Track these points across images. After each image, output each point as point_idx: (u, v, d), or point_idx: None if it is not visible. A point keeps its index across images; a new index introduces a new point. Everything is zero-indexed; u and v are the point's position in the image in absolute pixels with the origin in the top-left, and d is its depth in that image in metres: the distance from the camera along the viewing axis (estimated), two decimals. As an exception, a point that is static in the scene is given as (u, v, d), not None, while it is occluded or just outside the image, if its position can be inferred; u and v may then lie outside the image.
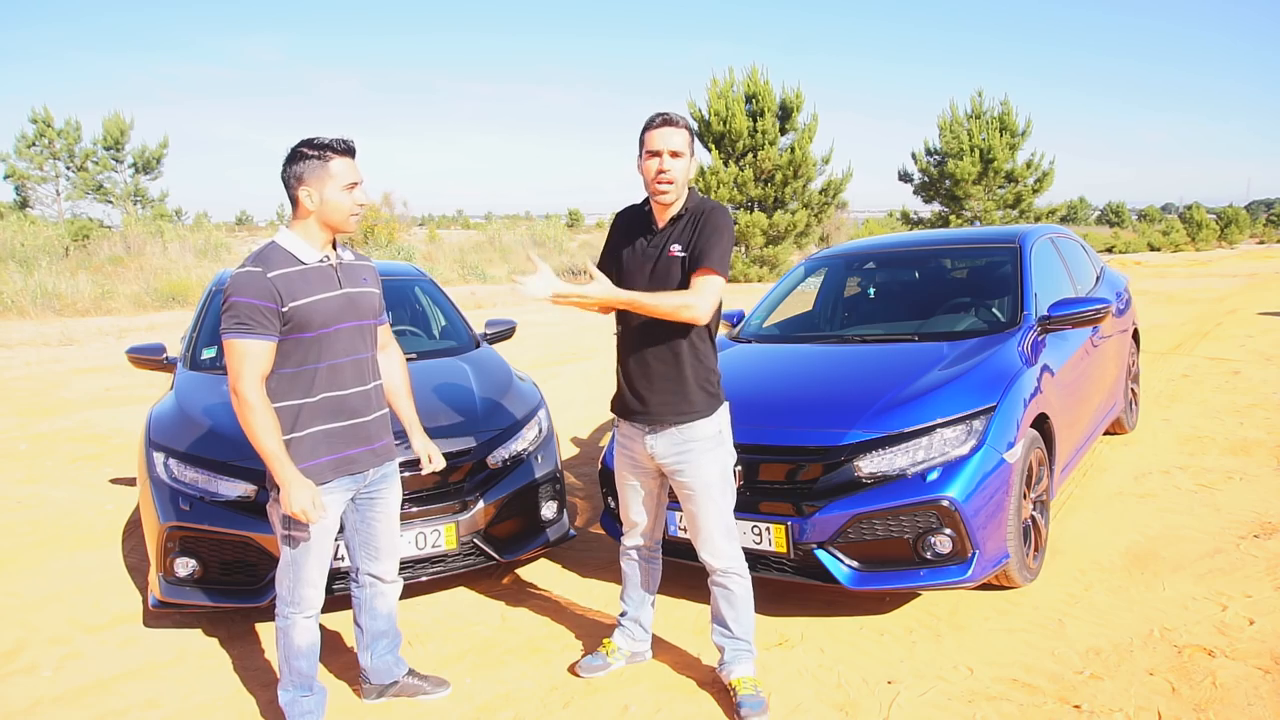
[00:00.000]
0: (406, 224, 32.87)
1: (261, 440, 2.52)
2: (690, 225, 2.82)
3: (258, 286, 2.54)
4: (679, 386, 2.83)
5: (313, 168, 2.61)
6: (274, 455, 2.53)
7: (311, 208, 2.63)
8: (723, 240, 2.77)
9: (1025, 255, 4.69)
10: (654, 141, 2.76)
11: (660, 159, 2.75)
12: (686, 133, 2.80)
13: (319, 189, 2.62)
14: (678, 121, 2.78)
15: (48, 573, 4.44)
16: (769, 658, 3.22)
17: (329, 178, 2.62)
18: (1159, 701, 2.81)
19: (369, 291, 2.82)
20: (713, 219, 2.80)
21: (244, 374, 2.52)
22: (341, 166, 2.63)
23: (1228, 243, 42.53)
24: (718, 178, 21.52)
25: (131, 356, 4.77)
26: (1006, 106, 26.64)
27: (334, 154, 2.62)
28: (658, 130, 2.77)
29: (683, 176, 2.78)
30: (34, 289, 17.04)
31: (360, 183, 2.69)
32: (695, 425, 2.84)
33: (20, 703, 3.18)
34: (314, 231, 2.68)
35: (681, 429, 2.84)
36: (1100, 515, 4.53)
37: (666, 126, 2.76)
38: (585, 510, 5.12)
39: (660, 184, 2.77)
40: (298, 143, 2.64)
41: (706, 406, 2.86)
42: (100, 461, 6.62)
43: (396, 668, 3.10)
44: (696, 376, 2.84)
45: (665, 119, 2.78)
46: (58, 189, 28.32)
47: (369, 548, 2.95)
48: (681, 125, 2.78)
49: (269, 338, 2.55)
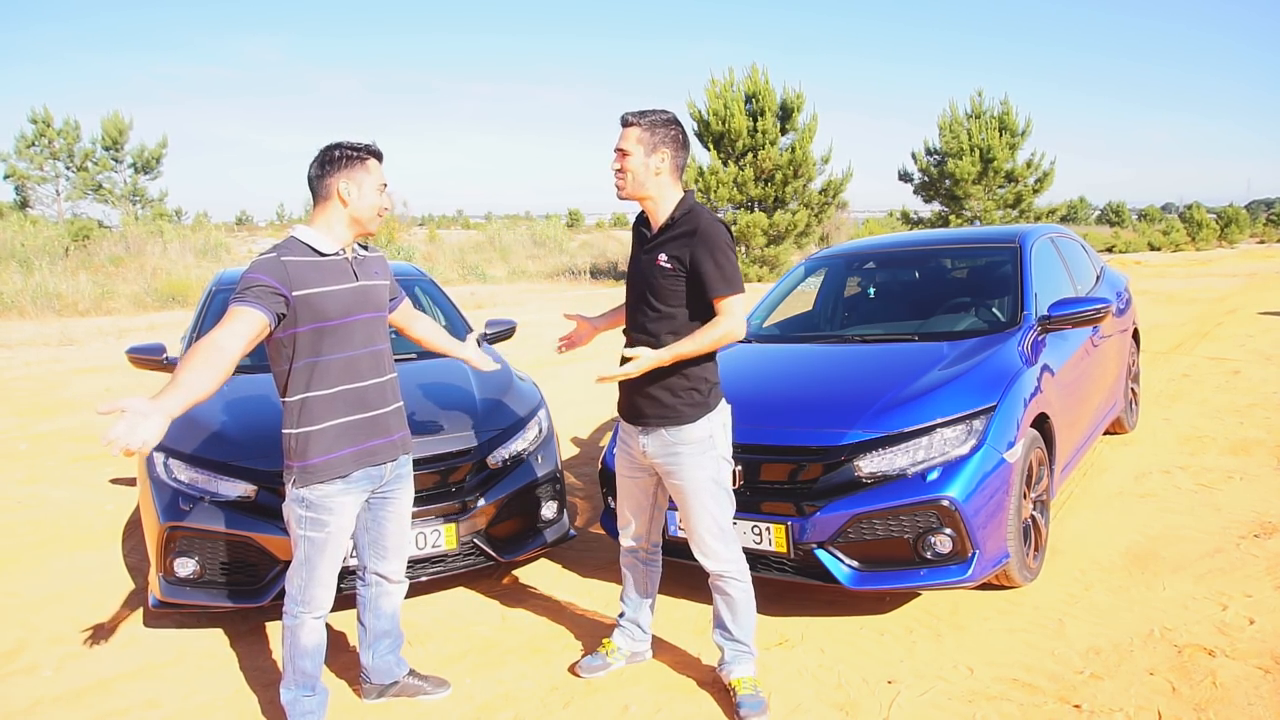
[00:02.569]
0: (406, 224, 32.88)
1: (179, 368, 2.39)
2: (683, 239, 2.79)
3: (269, 267, 2.60)
4: (661, 391, 2.85)
5: (354, 166, 2.72)
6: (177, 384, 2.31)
7: (349, 200, 2.72)
8: (728, 259, 2.76)
9: (1025, 255, 4.69)
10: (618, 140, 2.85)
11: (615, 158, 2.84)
12: (636, 129, 2.81)
13: (359, 184, 2.72)
14: (626, 119, 2.83)
15: (48, 573, 4.45)
16: (769, 658, 3.22)
17: (368, 175, 2.74)
18: (1159, 701, 2.81)
19: (380, 284, 2.87)
20: (708, 239, 2.75)
21: (222, 324, 2.49)
22: (376, 168, 2.78)
23: (1228, 242, 42.51)
24: (717, 177, 21.51)
25: (131, 356, 4.77)
26: (1006, 106, 26.64)
27: (370, 155, 2.77)
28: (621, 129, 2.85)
29: (634, 174, 2.81)
30: (34, 289, 17.06)
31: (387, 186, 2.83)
32: (683, 429, 2.84)
33: (20, 703, 3.18)
34: (337, 228, 2.75)
35: (670, 431, 2.85)
36: (1100, 515, 4.53)
37: (622, 126, 2.84)
38: (585, 510, 5.12)
39: (616, 181, 2.86)
40: (333, 144, 2.74)
41: (690, 412, 2.84)
42: (100, 461, 6.62)
43: (397, 668, 3.10)
44: (678, 383, 2.83)
45: (622, 118, 2.85)
46: (57, 189, 28.33)
47: (378, 546, 2.96)
48: (631, 122, 2.81)
49: (261, 309, 2.54)
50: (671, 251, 2.80)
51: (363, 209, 2.74)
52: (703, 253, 2.74)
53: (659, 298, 2.82)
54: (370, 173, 2.74)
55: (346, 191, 2.70)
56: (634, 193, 2.84)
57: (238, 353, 2.45)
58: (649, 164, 2.80)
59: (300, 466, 2.68)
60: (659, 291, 2.82)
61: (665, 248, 2.81)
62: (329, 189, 2.71)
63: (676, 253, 2.79)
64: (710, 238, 2.75)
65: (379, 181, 2.77)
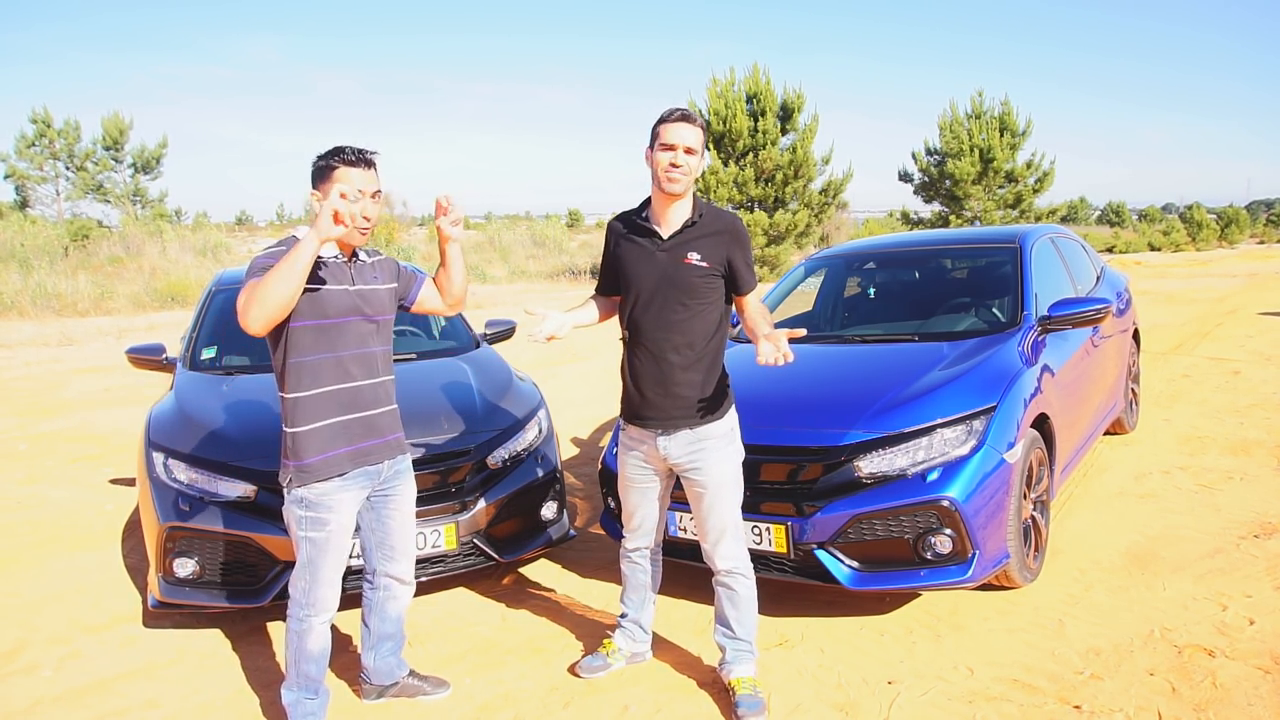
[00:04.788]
0: (406, 224, 32.86)
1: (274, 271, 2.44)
2: (714, 237, 2.85)
3: (276, 255, 2.59)
4: (699, 389, 2.86)
5: (323, 175, 2.65)
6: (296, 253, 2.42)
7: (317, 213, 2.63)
8: (750, 255, 2.95)
9: (1025, 255, 4.69)
10: (669, 135, 2.79)
11: (674, 153, 2.78)
12: (702, 131, 2.84)
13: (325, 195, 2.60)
14: (695, 119, 2.82)
15: (48, 573, 4.44)
16: (769, 658, 3.22)
17: (332, 185, 2.57)
18: (1159, 701, 2.81)
19: (380, 289, 2.84)
20: (740, 237, 2.89)
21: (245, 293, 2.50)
22: (350, 174, 2.63)
23: (1228, 242, 42.50)
24: (717, 177, 21.50)
25: (131, 357, 4.77)
26: (1007, 106, 26.61)
27: (341, 163, 2.63)
28: (674, 125, 2.80)
29: (694, 173, 2.83)
30: (34, 289, 17.05)
31: (365, 194, 2.66)
32: (712, 425, 2.88)
33: (20, 703, 3.18)
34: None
35: (697, 429, 2.86)
36: (1100, 515, 4.53)
37: (684, 122, 2.80)
38: (585, 510, 5.12)
39: (672, 175, 2.79)
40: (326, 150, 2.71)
41: (722, 407, 2.90)
42: (100, 461, 6.62)
43: (398, 668, 3.10)
44: (711, 380, 2.88)
45: (684, 114, 2.81)
46: (57, 189, 28.32)
47: (385, 547, 2.96)
48: (698, 124, 2.82)
49: None
50: (705, 249, 2.84)
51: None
52: (736, 251, 2.88)
53: (694, 295, 2.84)
54: (337, 182, 2.56)
55: (315, 203, 2.62)
56: (685, 190, 2.84)
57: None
58: (700, 164, 2.86)
59: (297, 465, 2.69)
60: (693, 289, 2.84)
61: (694, 246, 2.84)
62: (311, 200, 2.69)
63: (710, 250, 2.84)
64: (743, 236, 2.91)
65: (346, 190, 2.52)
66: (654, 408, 2.89)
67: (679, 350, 2.85)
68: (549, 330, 2.87)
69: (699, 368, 2.86)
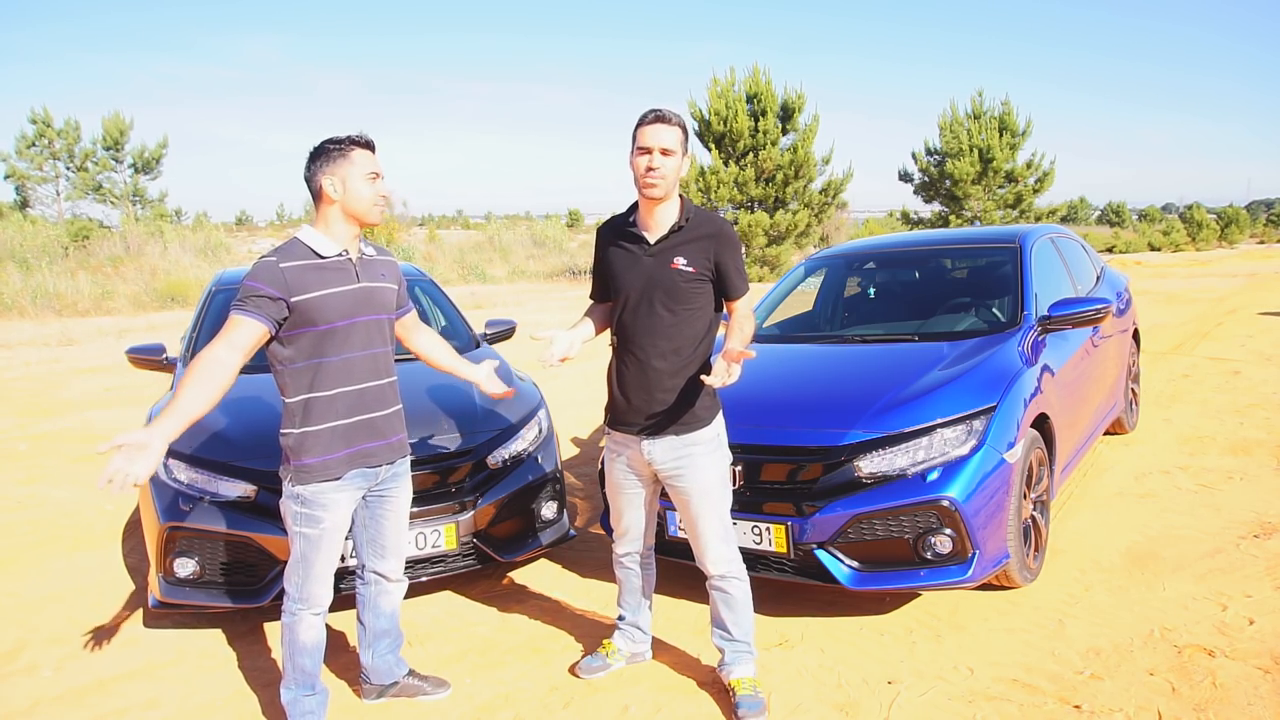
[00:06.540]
0: (406, 224, 32.89)
1: (179, 389, 2.50)
2: (702, 241, 2.79)
3: (267, 274, 2.61)
4: (685, 395, 2.81)
5: (335, 159, 2.70)
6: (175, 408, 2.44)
7: (335, 196, 2.70)
8: (741, 259, 2.88)
9: (1025, 255, 4.69)
10: (645, 138, 2.73)
11: (650, 156, 2.72)
12: (679, 130, 2.76)
13: (342, 177, 2.69)
14: (670, 119, 2.75)
15: (48, 573, 4.44)
16: (769, 658, 3.22)
17: (351, 165, 2.70)
18: (1159, 701, 2.81)
19: (386, 287, 2.85)
20: (730, 241, 2.82)
21: (222, 335, 2.56)
22: (362, 156, 2.72)
23: (1228, 243, 42.51)
24: (718, 177, 21.51)
25: (131, 357, 4.77)
26: (1007, 106, 26.63)
27: (354, 146, 2.73)
28: (650, 127, 2.74)
29: (673, 175, 2.75)
30: (34, 289, 17.07)
31: (381, 175, 2.78)
32: (698, 431, 2.84)
33: (20, 703, 3.18)
34: (337, 227, 2.74)
35: (682, 436, 2.84)
36: (1100, 515, 4.53)
37: (659, 123, 2.73)
38: (585, 510, 5.12)
39: (649, 179, 2.73)
40: (319, 142, 2.74)
41: (706, 415, 2.86)
42: (100, 462, 6.62)
43: (397, 668, 3.10)
44: (696, 387, 2.81)
45: (658, 115, 2.75)
46: (57, 189, 28.34)
47: (376, 545, 2.96)
48: (675, 123, 2.75)
49: (260, 319, 2.58)
50: (691, 254, 2.78)
51: (352, 201, 2.71)
52: (726, 255, 2.81)
53: (680, 300, 2.79)
54: (355, 163, 2.69)
55: (331, 187, 2.68)
56: (665, 194, 2.76)
57: (236, 365, 2.56)
58: (681, 166, 2.79)
59: (296, 465, 2.69)
60: (680, 294, 2.79)
61: (681, 251, 2.78)
62: (317, 187, 2.71)
63: (697, 255, 2.78)
64: (732, 240, 2.83)
65: (367, 170, 2.71)
66: (638, 413, 2.85)
67: (665, 356, 2.80)
68: (560, 352, 2.86)
69: (685, 373, 2.81)
